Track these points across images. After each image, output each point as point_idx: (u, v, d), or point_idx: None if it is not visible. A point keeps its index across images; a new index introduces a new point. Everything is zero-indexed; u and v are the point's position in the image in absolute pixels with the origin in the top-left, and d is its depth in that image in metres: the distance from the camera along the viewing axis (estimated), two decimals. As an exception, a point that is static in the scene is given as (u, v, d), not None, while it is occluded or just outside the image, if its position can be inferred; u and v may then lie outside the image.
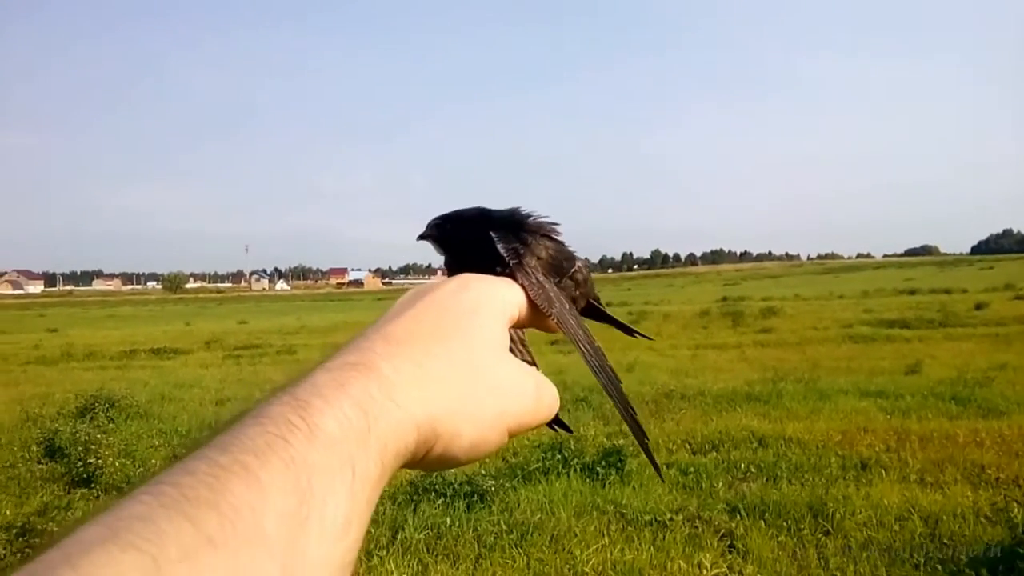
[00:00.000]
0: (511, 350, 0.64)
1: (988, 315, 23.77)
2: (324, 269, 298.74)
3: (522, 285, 0.64)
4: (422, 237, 0.76)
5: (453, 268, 0.73)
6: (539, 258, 0.69)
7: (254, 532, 0.35)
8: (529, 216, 0.74)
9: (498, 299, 0.59)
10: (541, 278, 0.66)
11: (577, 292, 0.75)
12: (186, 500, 0.34)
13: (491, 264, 0.67)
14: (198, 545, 0.33)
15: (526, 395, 0.56)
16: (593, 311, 0.81)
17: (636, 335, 0.90)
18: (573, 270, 0.74)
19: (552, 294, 0.65)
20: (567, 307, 0.67)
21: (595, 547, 4.99)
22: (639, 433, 0.68)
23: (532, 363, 0.70)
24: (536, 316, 0.64)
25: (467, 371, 0.52)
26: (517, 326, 0.63)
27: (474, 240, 0.70)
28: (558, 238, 0.74)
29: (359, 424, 0.43)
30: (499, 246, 0.67)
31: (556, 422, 0.76)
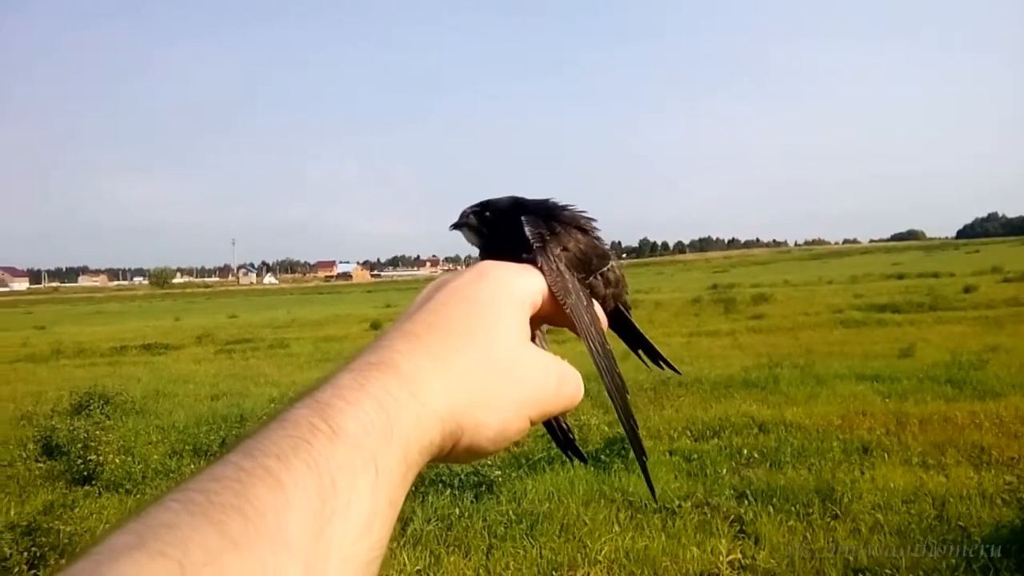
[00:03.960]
0: (534, 338, 0.64)
1: (977, 298, 23.96)
2: (312, 262, 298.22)
3: (541, 269, 0.62)
4: (457, 226, 0.74)
5: (485, 256, 0.70)
6: (566, 248, 0.67)
7: (277, 533, 0.36)
8: (565, 208, 0.72)
9: (517, 286, 0.59)
10: (563, 267, 0.64)
11: (607, 291, 0.72)
12: (212, 505, 0.36)
13: (520, 252, 0.65)
14: (223, 549, 0.34)
15: (547, 382, 0.56)
16: (621, 321, 0.77)
17: (663, 364, 0.82)
18: (605, 269, 0.72)
19: (571, 285, 0.64)
20: (584, 302, 0.65)
21: (606, 536, 4.99)
22: (639, 449, 0.66)
23: None
24: (556, 307, 0.62)
25: (487, 361, 0.52)
26: (539, 315, 0.61)
27: (506, 228, 0.69)
28: (594, 234, 0.73)
29: (381, 423, 0.44)
30: (526, 229, 0.66)
31: (573, 450, 0.75)
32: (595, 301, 0.68)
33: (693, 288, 43.68)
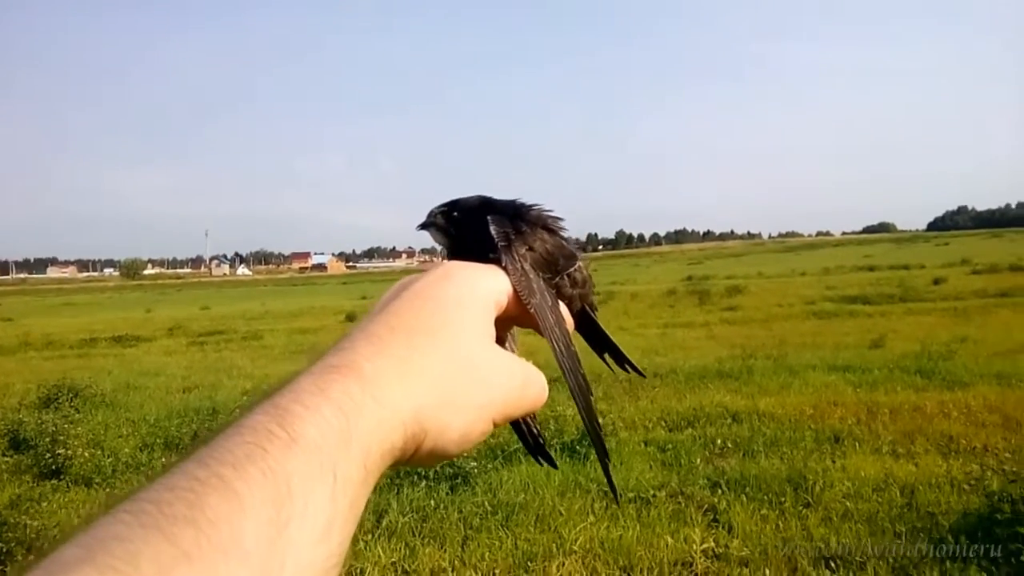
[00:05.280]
0: (503, 341, 0.65)
1: (946, 290, 24.39)
2: (286, 253, 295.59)
3: (505, 269, 0.62)
4: (424, 226, 0.73)
5: (452, 257, 0.70)
6: (531, 248, 0.67)
7: (231, 543, 0.36)
8: (532, 207, 0.72)
9: (481, 287, 0.58)
10: (527, 267, 0.64)
11: (573, 292, 0.72)
12: (164, 517, 0.35)
13: (487, 252, 0.65)
14: (175, 561, 0.33)
15: (512, 384, 0.56)
16: (587, 323, 0.76)
17: (628, 368, 0.81)
18: (572, 269, 0.71)
19: (535, 285, 0.63)
20: (549, 302, 0.64)
21: (581, 525, 5.00)
22: (601, 451, 0.66)
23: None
24: (521, 307, 0.62)
25: (451, 362, 0.52)
26: (504, 316, 0.61)
27: (473, 227, 0.68)
28: (561, 234, 0.72)
29: (340, 427, 0.43)
30: (491, 228, 0.66)
31: (543, 455, 0.74)
32: (561, 301, 0.68)
33: (668, 280, 43.95)
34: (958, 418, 7.45)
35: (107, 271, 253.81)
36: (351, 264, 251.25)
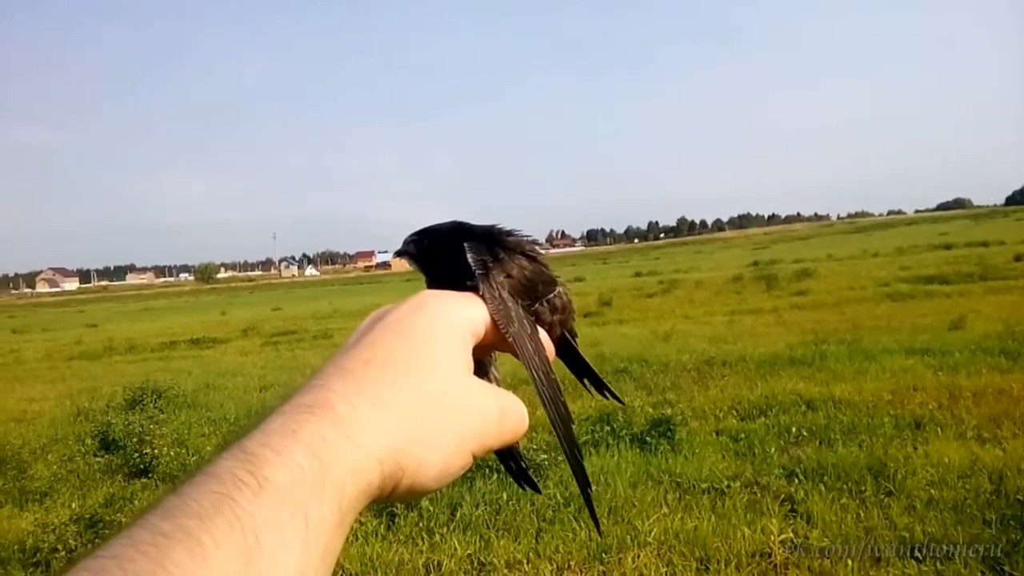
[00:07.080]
0: (486, 368, 0.66)
1: (1029, 266, 23.29)
2: (351, 253, 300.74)
3: (483, 297, 0.61)
4: (399, 254, 0.73)
5: (431, 285, 0.70)
6: (509, 275, 0.66)
7: None
8: (510, 233, 0.71)
9: (456, 316, 0.57)
10: (505, 295, 0.63)
11: (553, 318, 0.71)
12: (124, 574, 0.34)
13: (465, 279, 0.64)
14: None
15: (489, 416, 0.54)
16: (568, 349, 0.75)
17: (607, 394, 0.80)
18: (552, 295, 0.71)
19: (513, 313, 0.62)
20: (528, 330, 0.63)
21: (655, 517, 4.98)
22: (583, 481, 0.65)
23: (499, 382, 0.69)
24: (500, 335, 0.61)
25: (426, 397, 0.51)
26: (484, 344, 0.60)
27: (450, 255, 0.67)
28: (540, 259, 0.71)
29: (312, 470, 0.42)
30: (469, 255, 0.65)
31: (526, 480, 0.73)
32: (541, 328, 0.67)
33: (733, 266, 43.16)
34: (1047, 401, 7.13)
35: (182, 276, 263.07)
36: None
